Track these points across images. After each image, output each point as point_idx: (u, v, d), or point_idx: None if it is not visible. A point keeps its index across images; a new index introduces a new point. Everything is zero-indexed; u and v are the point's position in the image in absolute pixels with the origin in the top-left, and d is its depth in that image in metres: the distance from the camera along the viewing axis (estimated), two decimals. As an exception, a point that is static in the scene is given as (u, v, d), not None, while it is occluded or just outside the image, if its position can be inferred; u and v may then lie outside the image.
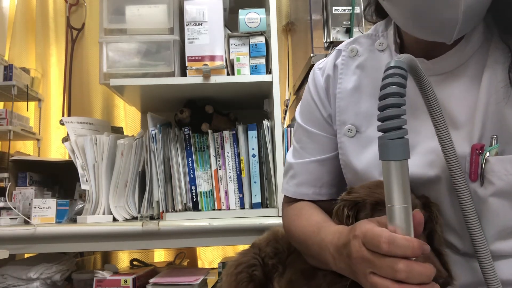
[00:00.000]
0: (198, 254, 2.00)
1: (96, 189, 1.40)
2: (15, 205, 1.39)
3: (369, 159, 0.67)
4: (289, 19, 2.09)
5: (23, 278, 1.30)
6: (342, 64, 0.74)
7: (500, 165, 0.56)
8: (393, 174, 0.45)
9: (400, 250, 0.45)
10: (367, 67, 0.71)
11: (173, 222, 1.26)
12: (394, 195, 0.45)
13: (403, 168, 0.45)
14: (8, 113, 1.65)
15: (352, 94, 0.71)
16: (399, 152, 0.45)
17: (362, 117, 0.69)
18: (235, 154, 1.42)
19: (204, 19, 1.41)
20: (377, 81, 0.60)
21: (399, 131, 0.45)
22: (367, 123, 0.69)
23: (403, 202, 0.45)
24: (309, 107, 0.79)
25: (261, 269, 0.77)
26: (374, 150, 0.66)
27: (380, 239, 0.46)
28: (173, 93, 1.50)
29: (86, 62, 2.07)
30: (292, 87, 1.96)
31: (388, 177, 0.46)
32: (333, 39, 1.46)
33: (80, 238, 1.25)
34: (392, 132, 0.45)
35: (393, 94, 0.45)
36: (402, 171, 0.45)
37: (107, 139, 1.43)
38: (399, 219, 0.46)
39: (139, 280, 1.33)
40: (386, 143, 0.45)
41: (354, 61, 0.73)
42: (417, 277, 0.45)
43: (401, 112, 0.45)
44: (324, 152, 0.76)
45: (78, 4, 2.11)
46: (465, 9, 0.53)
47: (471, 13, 0.55)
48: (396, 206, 0.45)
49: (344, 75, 0.73)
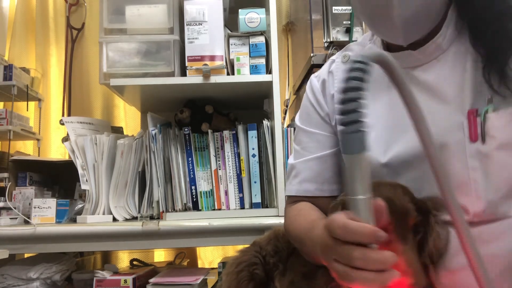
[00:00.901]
0: (198, 254, 2.00)
1: (96, 189, 1.40)
2: (15, 205, 1.39)
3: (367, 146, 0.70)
4: (289, 19, 2.09)
5: (23, 278, 1.30)
6: (337, 69, 0.82)
7: (499, 120, 0.61)
8: (352, 167, 0.47)
9: (352, 235, 0.46)
10: None
11: (173, 222, 1.26)
12: (353, 187, 0.47)
13: (360, 162, 0.46)
14: (8, 113, 1.65)
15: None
16: (357, 146, 0.46)
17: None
18: (235, 154, 1.42)
19: (204, 19, 1.41)
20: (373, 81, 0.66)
21: (356, 125, 0.46)
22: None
23: (362, 194, 0.47)
24: (307, 110, 0.85)
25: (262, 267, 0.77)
26: (372, 138, 0.70)
27: (335, 225, 0.48)
28: (173, 93, 1.50)
29: (86, 62, 2.07)
30: (292, 87, 1.96)
31: (348, 169, 0.47)
32: (333, 39, 1.46)
33: (80, 238, 1.25)
34: (351, 126, 0.46)
35: (352, 88, 0.46)
36: (359, 164, 0.46)
37: (107, 139, 1.43)
38: (358, 210, 0.47)
39: (139, 280, 1.33)
40: (345, 137, 0.46)
41: (347, 65, 0.78)
42: (372, 264, 0.46)
43: (358, 107, 0.45)
44: (324, 149, 0.81)
45: (78, 4, 2.11)
46: (403, 23, 0.64)
47: (413, 23, 0.65)
48: (355, 197, 0.47)
49: (338, 77, 0.81)
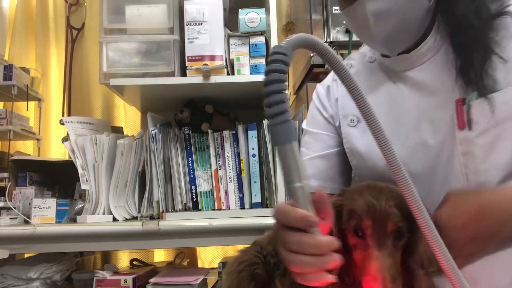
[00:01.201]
0: (198, 254, 2.00)
1: (96, 189, 1.40)
2: (15, 205, 1.39)
3: (369, 142, 0.75)
4: (289, 19, 2.09)
5: (23, 278, 1.30)
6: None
7: (481, 106, 0.65)
8: (285, 157, 0.47)
9: (286, 219, 0.48)
10: (361, 74, 0.84)
11: (173, 222, 1.26)
12: (289, 176, 0.47)
13: (291, 151, 0.47)
14: (8, 113, 1.65)
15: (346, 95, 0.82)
16: (286, 136, 0.46)
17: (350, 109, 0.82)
18: (235, 154, 1.42)
19: (204, 19, 1.41)
20: (371, 83, 0.80)
21: (282, 116, 0.46)
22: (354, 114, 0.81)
23: (298, 182, 0.47)
24: (312, 113, 0.90)
25: (263, 267, 0.77)
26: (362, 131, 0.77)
27: (275, 209, 0.51)
28: (173, 93, 1.50)
29: (86, 62, 2.08)
30: (292, 87, 1.96)
31: (282, 160, 0.48)
32: (333, 39, 1.46)
33: (80, 238, 1.25)
34: (277, 118, 0.46)
35: (274, 81, 0.46)
36: (291, 153, 0.47)
37: (107, 139, 1.43)
38: (296, 197, 0.48)
39: (139, 280, 1.33)
40: (273, 129, 0.47)
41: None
42: (307, 248, 0.47)
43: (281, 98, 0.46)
44: (327, 148, 0.85)
45: (78, 4, 2.11)
46: (382, 40, 0.72)
47: (393, 39, 0.72)
48: (292, 185, 0.48)
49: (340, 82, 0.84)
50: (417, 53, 0.75)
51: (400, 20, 0.70)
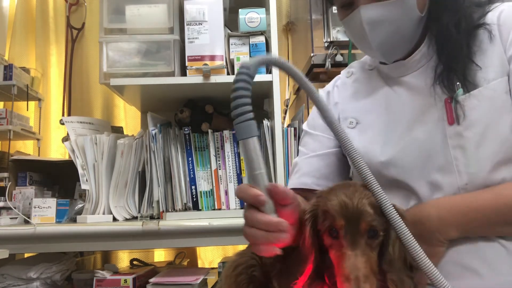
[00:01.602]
0: (198, 254, 2.00)
1: (96, 189, 1.40)
2: (15, 204, 1.39)
3: (367, 142, 0.81)
4: (289, 19, 2.09)
5: (23, 278, 1.30)
6: (341, 83, 0.94)
7: (467, 101, 0.70)
8: (247, 149, 0.58)
9: (241, 194, 0.57)
10: (361, 80, 0.91)
11: (173, 222, 1.26)
12: (250, 165, 0.57)
13: (252, 144, 0.58)
14: (8, 112, 1.65)
15: (351, 97, 0.89)
16: (247, 132, 0.58)
17: (360, 111, 0.86)
18: (235, 154, 1.42)
19: (204, 18, 1.41)
20: (369, 88, 0.86)
21: (244, 116, 0.58)
22: (364, 115, 0.85)
23: (258, 170, 0.57)
24: (313, 116, 0.95)
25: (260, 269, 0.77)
26: (370, 135, 0.81)
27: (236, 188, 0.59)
28: (173, 93, 1.50)
29: (86, 62, 2.08)
30: (292, 87, 1.96)
31: (244, 152, 0.58)
32: (333, 39, 1.46)
33: (80, 238, 1.25)
34: (240, 117, 0.58)
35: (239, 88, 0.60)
36: (252, 146, 0.57)
37: (107, 139, 1.43)
38: (256, 182, 0.57)
39: (139, 280, 1.33)
40: (237, 127, 0.58)
41: (350, 79, 0.93)
42: (257, 223, 0.55)
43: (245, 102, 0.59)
44: (324, 149, 0.89)
45: (78, 4, 2.11)
46: (378, 48, 0.77)
47: (388, 47, 0.77)
48: (253, 173, 0.57)
49: (342, 88, 0.93)
50: (412, 60, 0.80)
51: (393, 29, 0.75)
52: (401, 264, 0.60)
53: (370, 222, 0.59)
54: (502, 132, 0.69)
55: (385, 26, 0.75)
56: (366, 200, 0.61)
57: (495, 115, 0.69)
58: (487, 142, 0.69)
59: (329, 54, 1.46)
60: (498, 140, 0.69)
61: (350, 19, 0.78)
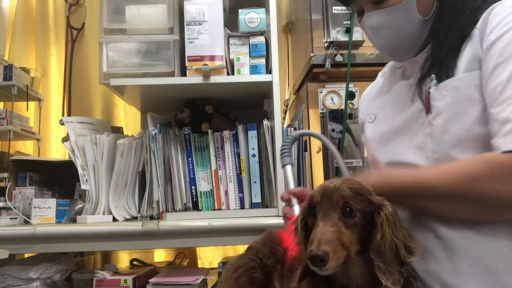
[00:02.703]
0: (198, 254, 2.00)
1: (96, 189, 1.40)
2: (15, 205, 1.39)
3: (376, 134, 0.91)
4: (289, 19, 2.09)
5: (23, 278, 1.30)
6: (374, 83, 1.04)
7: (436, 91, 0.75)
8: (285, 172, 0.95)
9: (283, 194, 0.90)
10: (387, 78, 0.99)
11: (173, 222, 1.26)
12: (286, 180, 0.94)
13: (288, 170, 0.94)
14: (8, 113, 1.65)
15: (375, 95, 0.98)
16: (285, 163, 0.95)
17: (378, 107, 0.94)
18: (235, 154, 1.42)
19: (204, 19, 1.41)
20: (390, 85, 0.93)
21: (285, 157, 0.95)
22: (380, 111, 0.93)
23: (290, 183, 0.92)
24: None
25: (260, 270, 0.77)
26: (380, 128, 0.90)
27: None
28: (173, 93, 1.50)
29: (86, 62, 2.08)
30: (292, 87, 1.96)
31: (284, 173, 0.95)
32: (333, 39, 1.46)
33: (80, 238, 1.25)
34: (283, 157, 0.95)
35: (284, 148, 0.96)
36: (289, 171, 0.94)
37: (107, 139, 1.43)
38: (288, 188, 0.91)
39: (139, 280, 1.33)
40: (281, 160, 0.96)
41: (382, 78, 1.01)
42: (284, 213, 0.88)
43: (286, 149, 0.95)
44: None
45: (78, 4, 2.11)
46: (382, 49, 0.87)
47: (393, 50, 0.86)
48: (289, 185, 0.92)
49: (373, 87, 1.02)
50: (422, 57, 0.83)
51: (395, 33, 0.82)
52: (392, 256, 0.61)
53: (344, 198, 0.63)
54: (466, 123, 0.71)
55: (386, 30, 0.82)
56: (349, 185, 0.64)
57: (459, 105, 0.72)
58: (450, 131, 0.73)
59: (329, 54, 1.46)
60: (461, 130, 0.72)
61: (361, 24, 0.88)
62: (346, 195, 0.63)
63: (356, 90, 1.47)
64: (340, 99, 1.47)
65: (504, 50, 0.68)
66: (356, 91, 1.47)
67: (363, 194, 0.64)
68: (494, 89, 0.68)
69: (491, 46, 0.70)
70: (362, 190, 0.65)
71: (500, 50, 0.68)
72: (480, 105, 0.71)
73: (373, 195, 0.65)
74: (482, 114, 0.71)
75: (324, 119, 1.45)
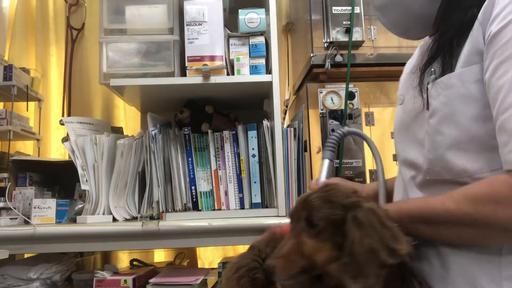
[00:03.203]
0: (198, 254, 2.00)
1: (96, 189, 1.40)
2: (15, 205, 1.39)
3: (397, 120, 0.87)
4: (289, 19, 2.09)
5: (23, 278, 1.30)
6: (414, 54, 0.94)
7: (433, 89, 0.71)
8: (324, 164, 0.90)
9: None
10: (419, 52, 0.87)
11: (173, 222, 1.26)
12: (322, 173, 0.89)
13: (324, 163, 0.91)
14: (8, 113, 1.65)
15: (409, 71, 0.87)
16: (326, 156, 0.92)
17: (404, 88, 0.87)
18: (235, 154, 1.42)
19: (204, 19, 1.41)
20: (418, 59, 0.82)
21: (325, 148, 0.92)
22: (406, 92, 0.85)
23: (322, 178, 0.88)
24: None
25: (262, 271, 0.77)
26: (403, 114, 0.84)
27: None
28: (173, 93, 1.50)
29: (86, 62, 2.08)
30: (292, 87, 1.96)
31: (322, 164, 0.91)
32: (333, 39, 1.46)
33: (80, 238, 1.25)
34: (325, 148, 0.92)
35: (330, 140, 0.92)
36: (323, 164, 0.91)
37: (107, 139, 1.43)
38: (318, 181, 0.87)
39: (139, 280, 1.33)
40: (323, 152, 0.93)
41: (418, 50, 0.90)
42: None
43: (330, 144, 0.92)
44: None
45: (78, 4, 2.11)
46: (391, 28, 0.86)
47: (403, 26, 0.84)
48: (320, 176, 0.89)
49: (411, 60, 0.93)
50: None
51: (402, 10, 0.80)
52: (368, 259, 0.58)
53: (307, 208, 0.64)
54: (461, 123, 0.67)
55: (393, 8, 0.81)
56: (320, 194, 0.65)
57: (454, 105, 0.68)
58: (445, 133, 0.69)
59: (329, 54, 1.46)
60: (456, 132, 0.68)
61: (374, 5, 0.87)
62: (310, 205, 0.64)
63: (356, 90, 1.47)
64: (340, 99, 1.47)
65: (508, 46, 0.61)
66: (356, 91, 1.47)
67: (334, 201, 0.63)
68: (499, 90, 0.61)
69: (494, 38, 0.63)
70: (334, 196, 0.64)
71: (506, 43, 0.61)
72: (478, 103, 0.65)
73: (350, 198, 0.64)
74: (481, 112, 0.65)
75: (324, 119, 1.46)
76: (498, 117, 0.61)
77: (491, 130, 0.64)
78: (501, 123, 0.61)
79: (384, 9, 0.83)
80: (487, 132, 0.64)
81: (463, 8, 0.70)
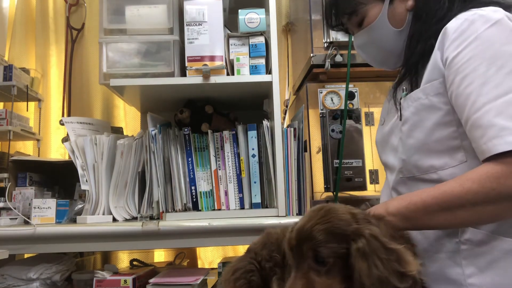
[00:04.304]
0: (198, 254, 2.00)
1: (96, 189, 1.40)
2: (15, 205, 1.39)
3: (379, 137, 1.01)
4: (289, 19, 2.09)
5: (23, 278, 1.30)
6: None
7: (405, 102, 0.86)
8: None
9: None
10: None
11: (173, 222, 1.26)
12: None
13: None
14: (8, 113, 1.65)
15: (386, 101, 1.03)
16: None
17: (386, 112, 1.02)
18: (235, 154, 1.42)
19: (204, 19, 1.41)
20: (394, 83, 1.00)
21: None
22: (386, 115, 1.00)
23: None
24: None
25: (258, 274, 0.78)
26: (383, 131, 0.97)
27: None
28: (173, 93, 1.50)
29: (86, 62, 2.08)
30: (292, 87, 1.96)
31: None
32: (332, 39, 1.47)
33: (80, 238, 1.25)
34: None
35: None
36: None
37: (107, 139, 1.43)
38: None
39: (139, 280, 1.33)
40: None
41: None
42: None
43: None
44: None
45: (78, 4, 2.11)
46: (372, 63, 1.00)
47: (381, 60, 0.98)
48: None
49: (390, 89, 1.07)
50: None
51: (377, 47, 0.95)
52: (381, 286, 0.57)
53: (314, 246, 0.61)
54: (427, 128, 0.81)
55: (370, 46, 0.96)
56: (324, 225, 0.62)
57: (421, 114, 0.82)
58: (414, 135, 0.83)
59: (329, 54, 1.46)
60: (423, 134, 0.81)
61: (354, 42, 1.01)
62: (316, 242, 0.61)
63: (355, 90, 1.47)
64: (340, 99, 1.47)
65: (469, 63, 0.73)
66: (356, 91, 1.47)
67: (338, 232, 0.62)
68: (468, 97, 0.71)
69: (453, 60, 0.75)
70: (336, 226, 0.62)
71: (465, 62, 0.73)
72: (440, 111, 0.79)
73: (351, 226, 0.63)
74: (443, 118, 0.79)
75: (324, 119, 1.46)
76: (470, 117, 0.71)
77: (451, 132, 0.78)
78: (474, 121, 0.70)
79: (363, 47, 0.98)
80: (448, 134, 0.78)
81: (423, 40, 0.84)
